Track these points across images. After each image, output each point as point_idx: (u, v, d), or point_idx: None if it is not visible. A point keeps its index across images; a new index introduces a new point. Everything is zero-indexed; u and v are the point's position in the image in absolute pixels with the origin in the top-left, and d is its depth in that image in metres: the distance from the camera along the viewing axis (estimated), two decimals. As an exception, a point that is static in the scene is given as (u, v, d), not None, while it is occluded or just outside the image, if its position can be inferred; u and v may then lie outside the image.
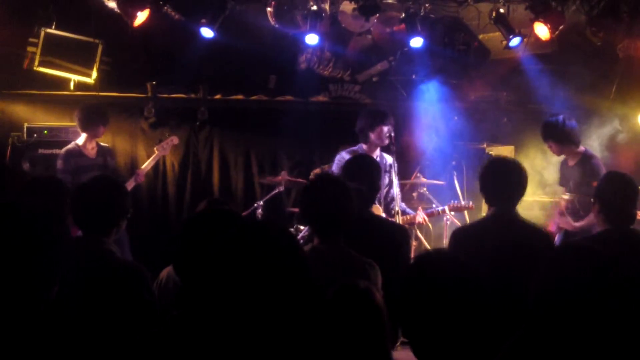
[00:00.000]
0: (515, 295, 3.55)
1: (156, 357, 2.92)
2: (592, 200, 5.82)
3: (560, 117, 8.08)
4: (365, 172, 5.95)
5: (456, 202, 9.21)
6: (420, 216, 8.61)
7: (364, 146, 8.31)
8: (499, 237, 5.21)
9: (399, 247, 5.66)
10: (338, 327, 3.23)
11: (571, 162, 8.16)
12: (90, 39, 9.84)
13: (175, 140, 9.71)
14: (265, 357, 2.73)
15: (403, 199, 8.69)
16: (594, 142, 8.94)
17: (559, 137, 8.07)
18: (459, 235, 5.55)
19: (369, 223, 5.68)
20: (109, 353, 3.30)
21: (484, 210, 8.66)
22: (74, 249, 4.71)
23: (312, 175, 9.87)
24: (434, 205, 9.38)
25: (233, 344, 2.74)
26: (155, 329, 3.13)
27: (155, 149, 9.49)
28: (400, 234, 5.85)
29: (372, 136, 8.22)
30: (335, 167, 8.22)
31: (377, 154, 8.25)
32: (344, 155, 8.11)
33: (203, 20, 9.23)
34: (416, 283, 3.15)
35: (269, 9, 9.57)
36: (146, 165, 9.35)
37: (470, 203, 9.18)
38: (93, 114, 9.00)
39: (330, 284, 3.48)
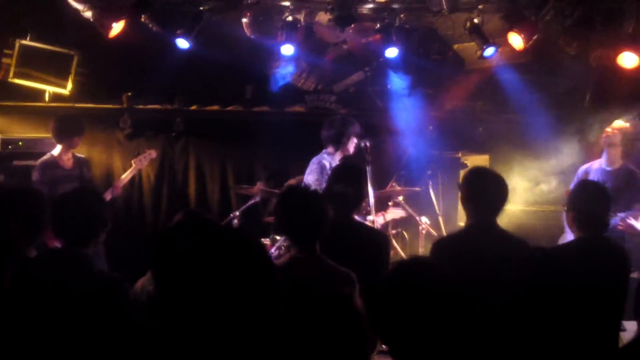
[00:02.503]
0: (492, 305, 3.59)
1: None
2: (565, 208, 5.87)
3: None
4: (353, 177, 5.97)
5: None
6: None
7: (336, 154, 8.35)
8: (478, 249, 5.18)
9: (380, 253, 5.69)
10: (319, 334, 3.24)
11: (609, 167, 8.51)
12: (66, 50, 9.83)
13: (153, 154, 9.66)
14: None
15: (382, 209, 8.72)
16: (569, 151, 9.01)
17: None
18: (439, 246, 5.52)
19: (350, 228, 5.71)
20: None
21: (460, 219, 8.72)
22: (49, 257, 4.74)
23: (286, 186, 9.89)
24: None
25: (209, 353, 2.75)
26: (133, 339, 3.14)
27: (132, 162, 9.43)
28: (380, 240, 5.88)
29: (347, 144, 8.26)
30: (315, 174, 8.20)
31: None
32: (324, 159, 8.14)
33: (179, 31, 9.24)
34: (394, 290, 3.18)
35: (244, 19, 9.58)
36: (123, 178, 9.30)
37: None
38: (68, 125, 8.96)
39: (310, 293, 3.50)
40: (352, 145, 8.36)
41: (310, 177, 8.28)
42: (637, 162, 8.59)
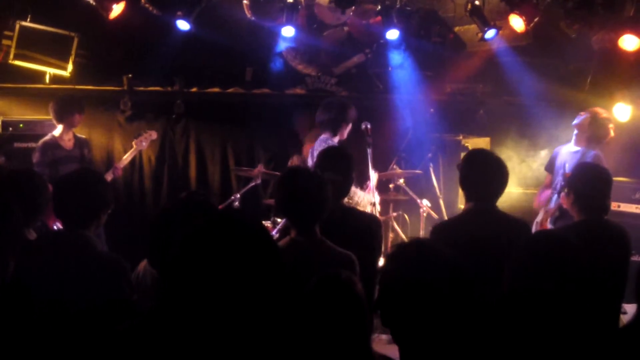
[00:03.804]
0: (493, 288, 3.58)
1: (134, 350, 2.92)
2: (566, 191, 5.87)
3: None
4: (341, 163, 5.91)
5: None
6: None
7: (334, 139, 8.04)
8: (478, 232, 5.17)
9: (372, 237, 5.64)
10: (320, 317, 3.24)
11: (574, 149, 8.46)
12: (66, 32, 9.80)
13: (153, 135, 9.67)
14: (246, 348, 2.74)
15: (379, 190, 8.67)
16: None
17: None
18: (438, 230, 5.50)
19: (341, 214, 5.66)
20: (87, 344, 3.30)
21: (461, 201, 8.72)
22: (50, 239, 4.73)
23: (290, 162, 9.87)
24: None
25: (211, 336, 2.75)
26: (132, 321, 3.13)
27: (133, 143, 9.45)
28: (373, 224, 5.83)
29: (345, 129, 8.06)
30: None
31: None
32: (328, 142, 7.91)
33: (179, 13, 9.21)
34: (395, 273, 3.17)
35: (245, 1, 9.55)
36: (124, 159, 9.31)
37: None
38: (67, 103, 8.99)
39: (310, 276, 3.50)
40: (347, 131, 8.16)
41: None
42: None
